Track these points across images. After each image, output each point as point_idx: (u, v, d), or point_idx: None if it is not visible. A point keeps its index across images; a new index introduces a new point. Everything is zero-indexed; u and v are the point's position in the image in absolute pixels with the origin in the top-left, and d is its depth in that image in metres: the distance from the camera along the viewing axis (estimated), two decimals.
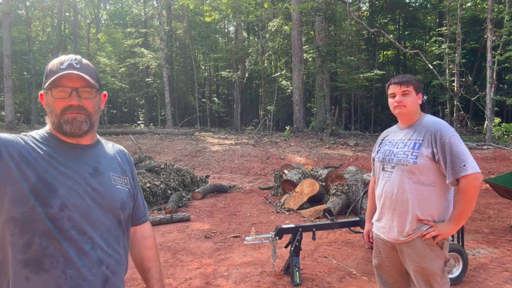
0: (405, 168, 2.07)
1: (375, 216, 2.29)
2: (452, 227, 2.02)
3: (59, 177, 1.19)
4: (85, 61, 1.30)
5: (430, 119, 2.12)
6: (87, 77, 1.24)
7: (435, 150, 1.99)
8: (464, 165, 1.93)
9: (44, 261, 1.15)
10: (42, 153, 1.20)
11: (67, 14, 24.48)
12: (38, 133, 1.26)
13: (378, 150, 2.30)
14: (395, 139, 2.22)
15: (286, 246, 3.87)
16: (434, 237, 2.03)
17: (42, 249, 1.15)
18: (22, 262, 1.14)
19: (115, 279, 1.28)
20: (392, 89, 2.15)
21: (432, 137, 2.01)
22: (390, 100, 2.18)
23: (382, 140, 2.33)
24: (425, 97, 2.21)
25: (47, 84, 1.23)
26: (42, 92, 1.27)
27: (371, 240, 2.41)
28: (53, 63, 1.27)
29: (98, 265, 1.22)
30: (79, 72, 1.23)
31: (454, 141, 1.97)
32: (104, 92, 1.39)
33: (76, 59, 1.27)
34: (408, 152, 2.07)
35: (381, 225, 2.22)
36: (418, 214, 2.04)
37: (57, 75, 1.21)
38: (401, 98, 2.12)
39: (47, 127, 1.29)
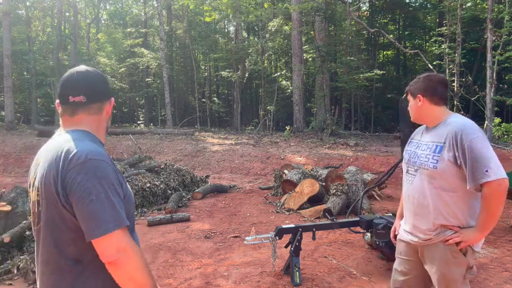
0: (426, 173, 1.99)
1: (403, 219, 2.26)
2: (477, 234, 1.92)
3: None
4: None
5: (454, 120, 2.01)
6: None
7: (457, 153, 1.88)
8: (487, 171, 1.81)
9: None
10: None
11: (67, 14, 24.42)
12: (94, 141, 1.39)
13: (406, 150, 2.24)
14: (420, 140, 2.15)
15: (286, 246, 3.87)
16: (457, 244, 1.94)
17: None
18: None
19: None
20: None
21: (453, 140, 1.90)
22: None
23: (412, 138, 2.27)
24: None
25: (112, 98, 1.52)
26: (112, 99, 1.52)
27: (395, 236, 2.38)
28: None
29: None
30: None
31: (476, 144, 1.85)
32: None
33: None
34: (430, 156, 1.99)
35: (405, 228, 2.18)
36: (440, 220, 1.97)
37: None
38: (409, 106, 2.20)
39: (83, 130, 1.41)
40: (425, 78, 2.10)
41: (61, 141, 1.34)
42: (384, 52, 26.42)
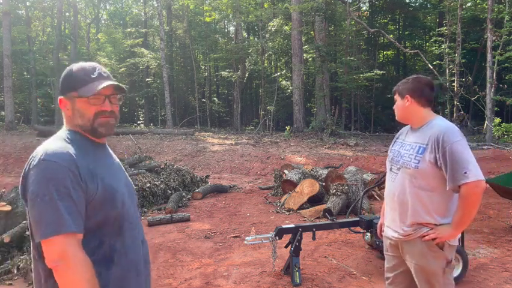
0: (408, 172, 2.08)
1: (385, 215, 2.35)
2: (452, 231, 2.01)
3: (112, 178, 1.37)
4: (105, 69, 1.45)
5: (437, 123, 2.09)
6: (122, 86, 1.42)
7: (437, 155, 1.98)
8: (465, 173, 1.90)
9: (113, 256, 1.32)
10: (93, 160, 1.33)
11: (67, 14, 24.44)
12: (72, 139, 1.33)
13: (391, 149, 2.34)
14: (405, 140, 2.23)
15: (286, 246, 3.86)
16: (434, 239, 2.03)
17: (110, 247, 1.31)
18: (94, 262, 1.26)
19: (147, 253, 1.52)
20: None
21: (435, 142, 1.99)
22: None
23: (397, 138, 2.35)
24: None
25: (81, 92, 1.34)
26: (63, 97, 1.37)
27: (382, 234, 2.45)
28: (79, 71, 1.37)
29: (142, 244, 1.46)
30: (116, 83, 1.39)
31: (457, 147, 1.93)
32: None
33: (101, 68, 1.40)
34: (412, 156, 2.08)
35: (387, 224, 2.28)
36: (416, 218, 2.06)
37: (99, 85, 1.34)
38: (395, 105, 2.25)
39: (69, 129, 1.38)
40: (414, 79, 2.18)
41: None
42: (384, 52, 26.42)
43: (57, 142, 1.30)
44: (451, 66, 15.43)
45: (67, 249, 1.18)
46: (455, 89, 14.68)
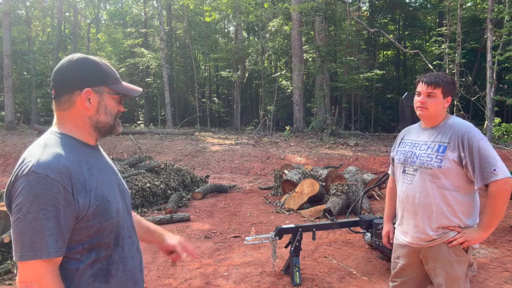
0: (429, 172, 1.99)
1: (397, 220, 2.22)
2: (482, 233, 1.95)
3: (105, 185, 1.24)
4: None
5: (456, 121, 2.03)
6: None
7: (462, 154, 1.91)
8: (494, 170, 1.86)
9: (111, 269, 1.24)
10: (86, 168, 1.20)
11: (67, 14, 24.49)
12: (66, 145, 1.20)
13: (398, 150, 2.22)
14: (417, 140, 2.13)
15: (286, 246, 3.86)
16: (461, 243, 1.97)
17: (107, 259, 1.23)
18: (91, 276, 1.20)
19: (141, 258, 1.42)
20: (419, 87, 2.06)
21: (459, 140, 1.93)
22: (415, 98, 2.09)
23: (402, 138, 2.25)
24: None
25: (117, 88, 1.29)
26: (91, 88, 1.24)
27: (390, 242, 2.34)
28: (107, 67, 1.31)
29: (138, 252, 1.37)
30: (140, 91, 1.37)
31: (483, 144, 1.89)
32: None
33: None
34: (433, 155, 1.99)
35: (403, 230, 2.15)
36: (442, 220, 1.97)
37: (129, 85, 1.34)
38: (425, 99, 2.03)
39: (61, 132, 1.23)
40: (454, 81, 2.10)
41: (30, 146, 1.21)
42: (384, 52, 26.42)
43: (51, 149, 1.14)
44: (451, 66, 15.42)
45: (44, 276, 1.09)
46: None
